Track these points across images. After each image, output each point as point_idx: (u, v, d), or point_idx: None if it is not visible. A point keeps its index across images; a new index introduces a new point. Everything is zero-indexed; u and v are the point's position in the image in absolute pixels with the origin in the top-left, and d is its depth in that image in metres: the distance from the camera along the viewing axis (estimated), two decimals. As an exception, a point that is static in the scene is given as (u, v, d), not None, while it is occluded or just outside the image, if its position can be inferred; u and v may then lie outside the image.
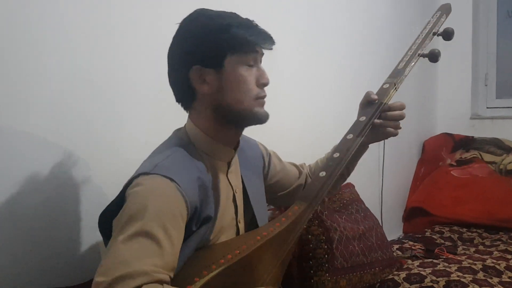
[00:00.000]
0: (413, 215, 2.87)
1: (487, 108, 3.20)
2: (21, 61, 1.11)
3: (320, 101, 2.15)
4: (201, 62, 0.99)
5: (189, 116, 1.07)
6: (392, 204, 2.78)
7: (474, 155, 2.92)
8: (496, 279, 1.78)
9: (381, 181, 2.61)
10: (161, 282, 0.82)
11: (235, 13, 1.04)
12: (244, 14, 1.05)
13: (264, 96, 1.05)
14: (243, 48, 0.99)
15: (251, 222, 1.15)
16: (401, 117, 1.20)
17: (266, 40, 1.03)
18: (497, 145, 2.91)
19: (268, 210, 1.62)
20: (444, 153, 3.03)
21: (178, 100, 1.07)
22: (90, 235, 1.27)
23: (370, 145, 1.29)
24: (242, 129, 1.10)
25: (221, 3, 1.59)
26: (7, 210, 1.10)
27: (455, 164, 2.94)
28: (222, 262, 0.92)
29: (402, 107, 1.20)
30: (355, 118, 1.23)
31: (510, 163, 2.78)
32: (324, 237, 1.64)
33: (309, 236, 1.63)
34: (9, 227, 1.10)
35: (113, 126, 1.31)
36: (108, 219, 0.92)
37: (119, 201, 0.93)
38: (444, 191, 2.79)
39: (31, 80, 1.13)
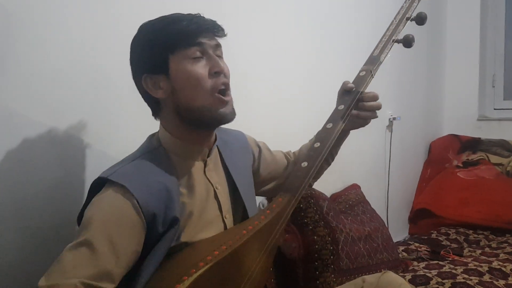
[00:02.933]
0: (419, 216, 2.86)
1: (494, 109, 3.19)
2: (16, 57, 1.11)
3: (324, 101, 2.15)
4: (148, 70, 1.01)
5: (160, 123, 1.09)
6: (398, 205, 2.78)
7: (481, 157, 2.91)
8: (502, 282, 1.77)
9: (387, 182, 2.61)
10: None
11: (177, 13, 1.03)
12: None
13: (223, 84, 1.02)
14: (182, 42, 0.98)
15: (243, 214, 1.16)
16: (378, 107, 1.19)
17: (209, 27, 1.00)
18: (504, 147, 2.89)
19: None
20: (451, 155, 3.02)
21: (152, 114, 1.08)
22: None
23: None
24: (212, 130, 1.10)
25: (223, 3, 1.61)
26: (14, 209, 1.10)
27: (461, 165, 2.93)
28: (209, 259, 0.92)
29: (376, 97, 1.19)
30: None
31: (517, 165, 2.77)
32: (329, 238, 1.64)
33: (315, 237, 1.63)
34: (16, 225, 1.11)
35: (114, 122, 1.31)
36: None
37: (89, 202, 0.97)
38: (451, 193, 2.79)
39: (29, 78, 1.12)
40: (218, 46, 1.04)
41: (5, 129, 1.08)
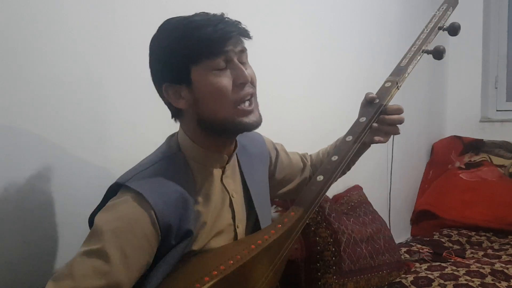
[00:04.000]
0: (421, 218, 2.86)
1: (497, 111, 3.18)
2: (24, 64, 1.12)
3: (329, 101, 2.15)
4: (169, 80, 0.96)
5: (180, 126, 1.05)
6: (400, 206, 2.77)
7: (484, 158, 2.90)
8: (504, 283, 1.76)
9: (389, 184, 2.59)
10: None
11: (200, 14, 0.96)
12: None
13: (247, 96, 0.97)
14: (205, 53, 0.92)
15: (255, 223, 1.14)
16: (400, 122, 1.14)
17: (234, 34, 0.94)
18: (506, 148, 2.89)
19: (276, 211, 1.63)
20: (453, 156, 3.01)
21: (172, 117, 1.04)
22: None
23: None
24: (234, 137, 1.06)
25: (227, 3, 1.60)
26: (16, 209, 1.11)
27: (464, 167, 2.93)
28: (215, 273, 0.90)
29: (399, 111, 1.14)
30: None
31: (519, 166, 2.77)
32: (331, 240, 1.64)
33: (317, 238, 1.63)
34: (18, 224, 1.12)
35: (116, 126, 1.32)
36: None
37: (103, 206, 0.94)
38: (453, 194, 2.78)
39: (33, 81, 1.13)
40: (242, 51, 0.98)
41: (5, 132, 1.09)
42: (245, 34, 0.97)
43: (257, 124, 0.99)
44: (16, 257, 1.11)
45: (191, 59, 0.93)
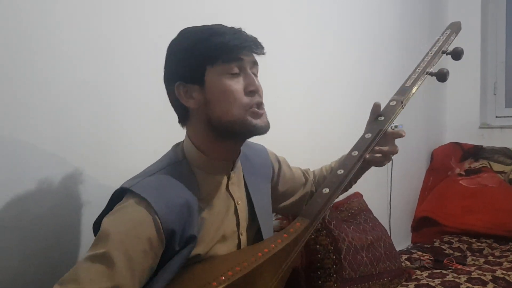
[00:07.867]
0: (422, 225, 2.85)
1: (496, 117, 3.19)
2: (23, 70, 1.12)
3: (328, 107, 2.15)
4: (183, 79, 1.00)
5: (186, 132, 1.07)
6: (400, 213, 2.77)
7: (483, 165, 2.90)
8: (506, 291, 1.76)
9: (389, 191, 2.60)
10: None
11: (219, 25, 1.02)
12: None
13: (257, 104, 1.01)
14: (222, 57, 0.97)
15: (257, 232, 1.15)
16: (394, 152, 1.22)
17: (251, 44, 0.99)
18: (506, 155, 2.89)
19: (276, 219, 1.63)
20: (453, 163, 3.01)
21: (178, 121, 1.07)
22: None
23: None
24: (241, 142, 1.08)
25: (227, 3, 1.61)
26: (17, 217, 1.11)
27: (464, 173, 2.92)
28: (222, 279, 0.91)
29: (400, 135, 1.23)
30: (363, 125, 1.23)
31: (519, 172, 2.76)
32: (332, 247, 1.64)
33: (317, 246, 1.63)
34: (18, 233, 1.12)
35: (116, 135, 1.32)
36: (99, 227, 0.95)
37: (108, 211, 0.95)
38: (453, 201, 2.78)
39: (34, 89, 1.14)
40: (255, 63, 1.04)
41: (4, 141, 1.10)
42: (259, 47, 1.01)
43: (266, 128, 1.02)
44: (16, 266, 1.11)
45: (208, 60, 0.97)
